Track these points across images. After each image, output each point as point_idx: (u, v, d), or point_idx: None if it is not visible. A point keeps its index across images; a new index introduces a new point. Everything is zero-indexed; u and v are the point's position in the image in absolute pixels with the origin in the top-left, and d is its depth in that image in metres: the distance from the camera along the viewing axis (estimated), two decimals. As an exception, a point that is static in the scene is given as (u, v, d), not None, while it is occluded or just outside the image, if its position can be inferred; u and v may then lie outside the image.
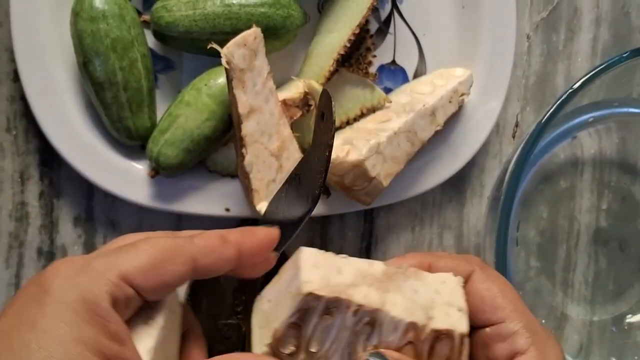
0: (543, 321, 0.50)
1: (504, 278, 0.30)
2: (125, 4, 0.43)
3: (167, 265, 0.26)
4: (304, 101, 0.44)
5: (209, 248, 0.27)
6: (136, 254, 0.26)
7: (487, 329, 0.28)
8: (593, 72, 0.39)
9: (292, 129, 0.44)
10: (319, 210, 0.47)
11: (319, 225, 0.50)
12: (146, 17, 0.44)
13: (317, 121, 0.29)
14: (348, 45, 0.44)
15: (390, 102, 0.47)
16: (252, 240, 0.29)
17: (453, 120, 0.48)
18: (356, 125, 0.47)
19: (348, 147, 0.44)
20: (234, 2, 0.42)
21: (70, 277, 0.25)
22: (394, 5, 0.49)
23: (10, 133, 0.48)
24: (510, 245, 0.48)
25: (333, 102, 0.28)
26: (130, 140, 0.44)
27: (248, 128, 0.41)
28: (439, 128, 0.46)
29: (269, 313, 0.28)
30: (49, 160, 0.48)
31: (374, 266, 0.28)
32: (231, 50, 0.39)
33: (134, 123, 0.44)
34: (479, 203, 0.51)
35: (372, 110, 0.47)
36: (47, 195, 0.48)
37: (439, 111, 0.46)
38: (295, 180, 0.34)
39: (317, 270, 0.27)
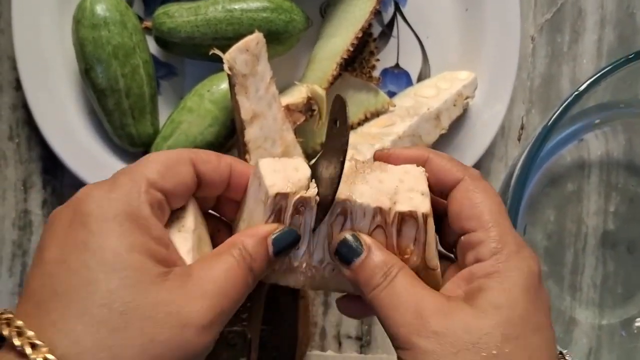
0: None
1: (493, 191, 0.29)
2: (126, 11, 0.43)
3: (177, 167, 0.28)
4: (307, 106, 0.44)
5: (206, 158, 0.29)
6: (150, 163, 0.28)
7: (462, 237, 0.29)
8: (599, 74, 0.39)
9: (295, 134, 0.44)
10: (324, 215, 0.47)
11: (324, 231, 0.50)
12: (148, 23, 0.44)
13: (330, 127, 0.29)
14: (351, 49, 0.44)
15: (394, 105, 0.47)
16: (242, 165, 0.31)
17: (458, 123, 0.48)
18: (360, 129, 0.47)
19: (352, 151, 0.44)
20: (236, 7, 0.42)
21: (105, 196, 0.26)
22: (397, 9, 0.48)
23: (12, 141, 0.48)
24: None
25: (347, 107, 0.27)
26: (133, 147, 0.44)
27: (251, 134, 0.41)
28: (443, 131, 0.46)
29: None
30: (52, 168, 0.48)
31: (280, 162, 0.30)
32: (233, 56, 0.39)
33: (137, 130, 0.43)
34: (484, 207, 0.51)
35: (376, 114, 0.47)
36: (50, 203, 0.48)
37: (444, 115, 0.45)
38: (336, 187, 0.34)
39: (277, 173, 0.29)
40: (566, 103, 0.38)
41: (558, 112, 0.38)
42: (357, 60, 0.47)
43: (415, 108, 0.46)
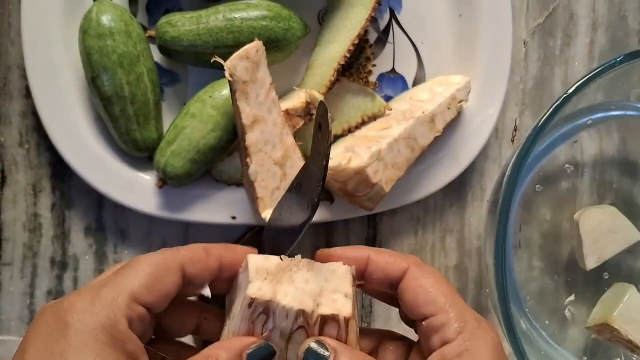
0: (547, 322, 0.50)
1: (439, 273, 0.31)
2: (131, 21, 0.44)
3: (164, 277, 0.29)
4: (306, 111, 0.45)
5: (195, 258, 0.30)
6: (136, 274, 0.29)
7: (424, 323, 0.30)
8: (588, 76, 0.40)
9: (295, 138, 0.45)
10: (324, 216, 0.48)
11: (324, 231, 0.51)
12: (152, 32, 0.46)
13: (316, 131, 0.30)
14: (348, 55, 0.46)
15: (391, 109, 0.48)
16: (233, 255, 0.32)
17: (453, 126, 0.49)
18: (358, 133, 0.48)
19: (350, 154, 0.45)
20: (236, 16, 0.44)
21: (87, 309, 0.27)
22: (393, 16, 0.50)
23: (23, 147, 0.49)
24: (512, 247, 0.49)
25: (329, 113, 0.29)
26: (138, 152, 0.46)
27: (252, 138, 0.43)
28: (438, 134, 0.47)
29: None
30: (61, 173, 0.49)
31: (270, 261, 0.31)
32: (234, 63, 0.41)
33: (142, 135, 0.45)
34: (480, 207, 0.52)
35: (373, 118, 0.48)
36: (59, 206, 0.49)
37: (438, 118, 0.47)
38: (296, 188, 0.35)
39: (262, 275, 0.31)
40: (555, 105, 0.40)
41: (548, 113, 0.40)
42: (354, 66, 0.48)
43: (411, 111, 0.47)
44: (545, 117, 0.39)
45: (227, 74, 0.40)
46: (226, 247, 0.32)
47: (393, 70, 0.50)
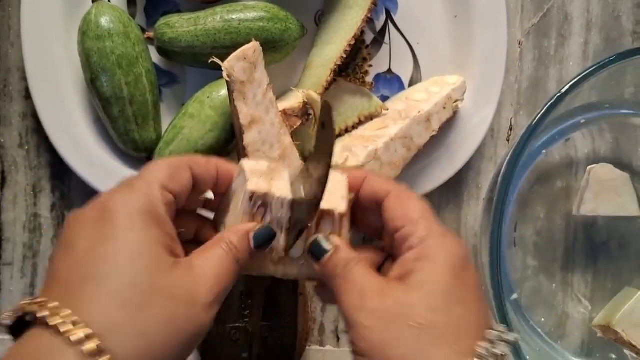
0: (543, 319, 0.51)
1: (418, 195, 0.34)
2: (129, 22, 0.45)
3: (180, 171, 0.32)
4: (304, 110, 0.46)
5: (198, 161, 0.33)
6: (159, 168, 0.32)
7: (397, 233, 0.33)
8: (581, 76, 0.41)
9: (292, 137, 0.46)
10: (321, 215, 0.48)
11: (321, 231, 0.51)
12: (150, 33, 0.46)
13: (318, 130, 0.31)
14: (344, 56, 0.46)
15: (387, 109, 0.48)
16: (227, 165, 0.35)
17: (449, 125, 0.49)
18: (355, 132, 0.49)
19: (347, 153, 0.45)
20: (234, 17, 0.44)
21: (127, 197, 0.30)
22: (388, 16, 0.50)
23: (22, 148, 0.50)
24: (507, 245, 0.50)
25: (333, 112, 0.29)
26: (137, 152, 0.46)
27: (250, 138, 0.43)
28: (434, 133, 0.47)
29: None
30: (60, 173, 0.50)
31: (260, 164, 0.34)
32: (232, 64, 0.41)
33: (140, 136, 0.45)
34: (476, 205, 0.52)
35: (370, 117, 0.49)
36: (58, 207, 0.50)
37: (434, 117, 0.47)
38: (297, 187, 0.36)
39: (256, 174, 0.33)
40: (549, 104, 0.40)
41: (541, 113, 0.40)
42: (350, 66, 0.49)
43: (407, 111, 0.47)
44: (539, 116, 0.40)
45: (224, 74, 0.41)
46: (220, 159, 0.35)
47: (389, 70, 0.51)
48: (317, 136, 0.32)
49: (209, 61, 0.41)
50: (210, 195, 0.36)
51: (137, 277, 0.28)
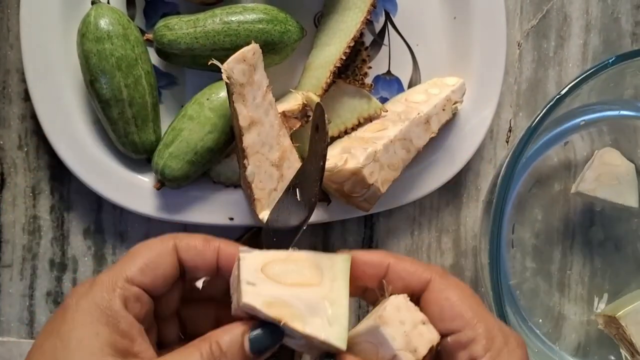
0: (540, 321, 0.51)
1: (464, 284, 0.30)
2: (129, 24, 0.45)
3: (158, 261, 0.30)
4: (303, 112, 0.46)
5: (191, 244, 0.31)
6: (132, 260, 0.30)
7: (449, 338, 0.29)
8: (580, 78, 0.41)
9: (292, 139, 0.46)
10: (320, 217, 0.48)
11: (321, 232, 0.52)
12: (149, 35, 0.46)
13: (312, 133, 0.31)
14: (344, 57, 0.46)
15: (386, 111, 0.48)
16: (232, 250, 0.31)
17: (448, 127, 0.49)
18: (354, 134, 0.49)
19: (346, 155, 0.45)
20: (233, 19, 0.44)
21: (84, 292, 0.29)
22: (388, 18, 0.50)
23: (22, 150, 0.50)
24: (506, 247, 0.50)
25: (326, 114, 0.29)
26: (137, 154, 0.46)
27: (249, 140, 0.43)
28: (433, 135, 0.47)
29: None
30: (59, 175, 0.50)
31: (257, 257, 0.31)
32: (231, 66, 0.41)
33: (140, 137, 0.45)
34: (475, 207, 0.52)
35: (369, 119, 0.49)
36: (57, 208, 0.50)
37: (433, 119, 0.47)
38: (293, 189, 0.36)
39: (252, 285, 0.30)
40: (548, 106, 0.40)
41: (541, 115, 0.40)
42: (350, 68, 0.49)
43: (406, 113, 0.47)
44: (538, 118, 0.40)
45: (224, 76, 0.41)
46: (226, 242, 0.32)
47: (388, 72, 0.51)
48: (311, 139, 0.31)
49: (209, 63, 0.41)
50: (199, 284, 0.33)
51: None
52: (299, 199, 0.32)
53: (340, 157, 0.46)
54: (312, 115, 0.44)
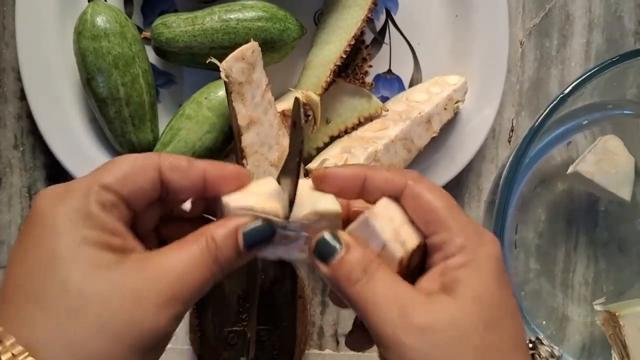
0: (544, 322, 0.50)
1: (438, 187, 0.29)
2: (126, 22, 0.44)
3: (138, 173, 0.28)
4: (303, 111, 0.45)
5: (175, 164, 0.29)
6: (110, 170, 0.28)
7: (426, 240, 0.29)
8: (583, 77, 0.40)
9: (291, 139, 0.45)
10: (320, 217, 0.48)
11: (321, 233, 0.51)
12: (147, 33, 0.45)
13: (291, 129, 0.30)
14: (344, 56, 0.45)
15: (387, 110, 0.48)
16: (219, 172, 0.30)
17: (449, 126, 0.49)
18: (354, 133, 0.48)
19: (346, 155, 0.45)
20: (232, 17, 0.44)
21: (58, 196, 0.27)
22: (389, 16, 0.50)
23: (18, 150, 0.49)
24: (509, 247, 0.49)
25: (302, 110, 0.28)
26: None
27: (248, 139, 0.42)
28: (434, 135, 0.47)
29: None
30: (56, 175, 0.49)
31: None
32: (230, 64, 0.41)
33: (137, 137, 0.45)
34: (477, 207, 0.52)
35: (370, 118, 0.48)
36: (54, 209, 0.49)
37: (435, 118, 0.47)
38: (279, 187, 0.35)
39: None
40: (551, 106, 0.40)
41: (544, 114, 0.40)
42: (350, 66, 0.48)
43: (407, 112, 0.47)
44: (541, 117, 0.39)
45: (222, 74, 0.40)
46: (212, 162, 0.30)
47: (389, 70, 0.50)
48: (290, 135, 0.31)
49: (207, 62, 0.40)
50: (187, 206, 0.31)
51: (67, 283, 0.25)
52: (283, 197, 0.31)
53: (341, 156, 0.45)
54: (318, 114, 0.44)
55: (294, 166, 0.29)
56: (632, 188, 0.48)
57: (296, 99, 0.28)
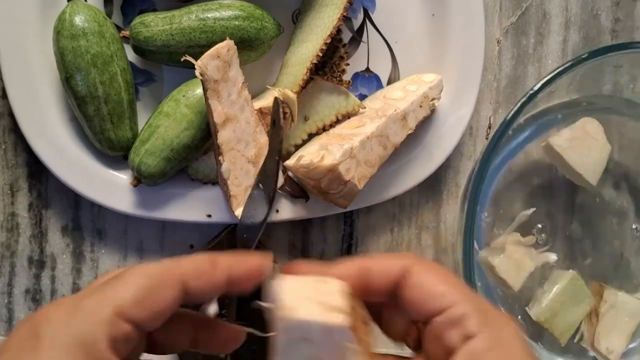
0: (519, 317, 0.51)
1: (443, 267, 0.28)
2: (104, 21, 0.45)
3: (158, 292, 0.25)
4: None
5: (199, 271, 0.26)
6: (126, 286, 0.25)
7: (437, 318, 0.26)
8: (554, 73, 0.41)
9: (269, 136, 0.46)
10: (299, 213, 0.48)
11: (300, 229, 0.52)
12: (126, 32, 0.46)
13: (270, 128, 0.31)
14: (321, 54, 0.46)
15: (365, 108, 0.48)
16: (243, 267, 0.28)
17: (426, 124, 0.49)
18: (332, 131, 0.49)
19: (323, 152, 0.45)
20: (209, 16, 0.44)
21: (63, 321, 0.24)
22: (366, 15, 0.50)
23: (0, 148, 0.50)
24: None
25: (281, 109, 0.29)
26: (113, 151, 0.46)
27: (224, 136, 0.43)
28: (410, 131, 0.47)
29: None
30: (37, 172, 0.50)
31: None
32: (205, 62, 0.41)
33: (116, 134, 0.45)
34: (455, 203, 0.52)
35: (347, 116, 0.49)
36: (36, 206, 0.50)
37: (410, 115, 0.47)
38: (258, 185, 0.36)
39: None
40: (522, 101, 0.40)
41: (515, 109, 0.40)
42: (327, 64, 0.49)
43: (384, 109, 0.47)
44: (512, 113, 0.40)
45: (197, 72, 0.41)
46: (235, 257, 0.27)
47: (367, 69, 0.51)
48: (270, 133, 0.31)
49: (182, 59, 0.41)
50: (213, 309, 0.27)
51: None
52: (263, 195, 0.32)
53: (317, 153, 0.46)
54: (295, 111, 0.45)
55: (273, 165, 0.29)
56: (601, 176, 0.48)
57: (276, 99, 0.29)
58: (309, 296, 0.27)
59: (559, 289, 0.48)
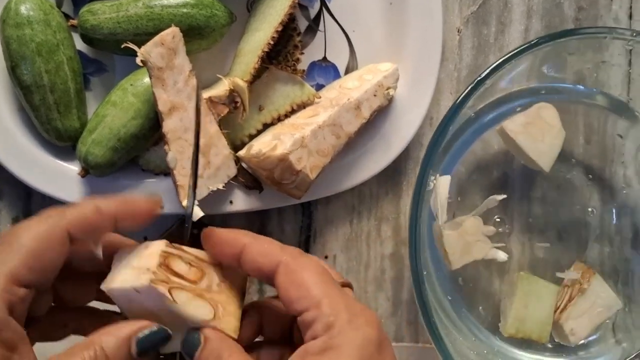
0: (481, 309, 0.50)
1: (316, 264, 0.29)
2: (51, 10, 0.44)
3: (48, 250, 0.26)
4: (230, 98, 0.45)
5: (84, 220, 0.28)
6: (15, 252, 0.26)
7: (298, 318, 0.28)
8: (499, 60, 0.40)
9: (220, 126, 0.45)
10: (254, 204, 0.48)
11: (258, 220, 0.51)
12: (74, 21, 0.45)
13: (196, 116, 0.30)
14: (272, 42, 0.45)
15: (320, 97, 0.48)
16: (130, 210, 0.29)
17: (384, 114, 0.49)
18: (287, 121, 0.48)
19: (275, 142, 0.45)
20: (156, 3, 0.44)
21: None
22: (323, 4, 0.50)
23: (-49, 139, 0.49)
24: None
25: (201, 97, 0.29)
26: (61, 141, 0.46)
27: (170, 125, 0.42)
28: (364, 121, 0.47)
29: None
30: (-12, 163, 0.49)
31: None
32: (148, 50, 0.41)
33: (63, 124, 0.45)
34: (413, 194, 0.52)
35: (303, 106, 0.48)
36: (-13, 198, 0.49)
37: (364, 104, 0.47)
38: (194, 174, 0.35)
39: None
40: (470, 87, 0.40)
41: (462, 96, 0.40)
42: (282, 53, 0.48)
43: (338, 99, 0.47)
44: (459, 99, 0.39)
45: (138, 60, 0.40)
46: (122, 202, 0.29)
47: (324, 58, 0.50)
48: (196, 121, 0.31)
49: (122, 46, 0.40)
50: (99, 252, 0.30)
51: None
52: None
53: (270, 143, 0.45)
54: (246, 100, 0.44)
55: (194, 152, 0.29)
56: (554, 162, 0.47)
57: (196, 85, 0.29)
58: (129, 264, 0.29)
59: (517, 295, 0.47)
